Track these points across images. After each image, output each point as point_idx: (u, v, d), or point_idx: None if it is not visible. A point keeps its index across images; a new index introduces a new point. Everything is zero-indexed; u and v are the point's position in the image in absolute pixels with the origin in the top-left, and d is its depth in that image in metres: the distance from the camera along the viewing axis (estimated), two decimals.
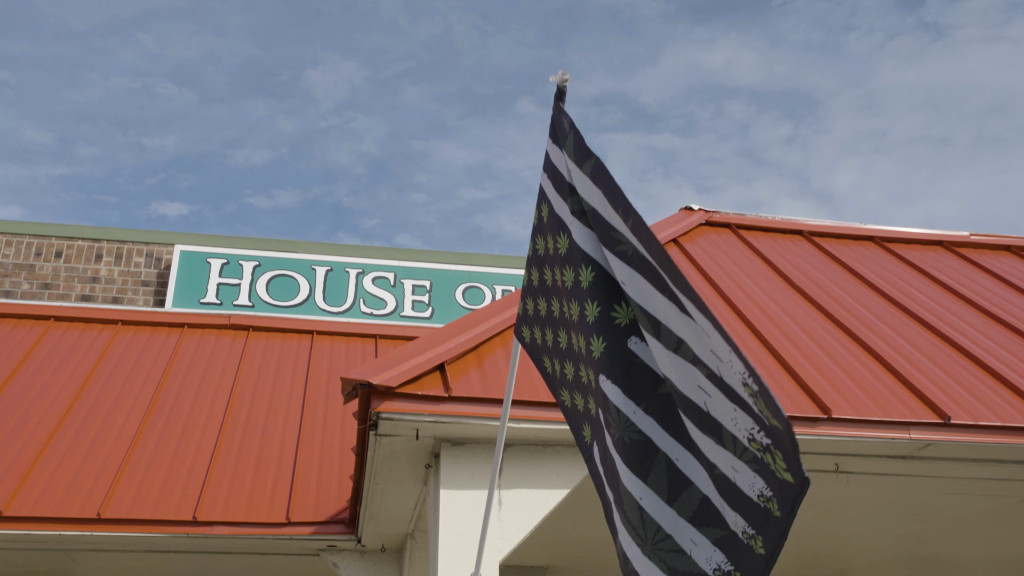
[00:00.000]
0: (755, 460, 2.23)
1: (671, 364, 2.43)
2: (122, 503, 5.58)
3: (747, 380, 2.10)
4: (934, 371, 4.48)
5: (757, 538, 2.27)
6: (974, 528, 6.20)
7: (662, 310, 2.40)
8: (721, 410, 2.30)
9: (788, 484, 2.16)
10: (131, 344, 7.72)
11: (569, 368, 2.71)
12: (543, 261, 2.82)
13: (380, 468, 4.30)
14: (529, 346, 2.93)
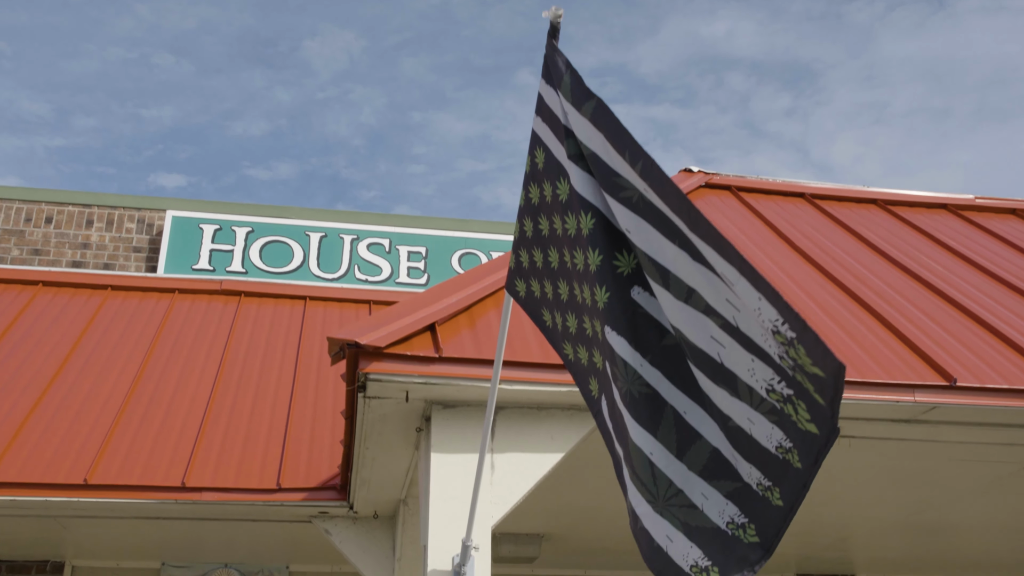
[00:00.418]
0: (774, 411, 2.16)
1: (681, 314, 2.32)
2: (109, 469, 5.48)
3: (780, 327, 2.00)
4: (939, 333, 4.36)
5: (774, 490, 2.19)
6: (975, 496, 6.11)
7: (671, 258, 2.29)
8: (736, 361, 2.22)
9: (812, 435, 2.09)
10: (120, 309, 7.60)
11: (572, 320, 2.58)
12: (538, 210, 2.68)
13: (370, 432, 4.19)
14: (524, 300, 2.80)
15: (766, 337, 2.10)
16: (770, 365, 2.12)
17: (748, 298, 2.07)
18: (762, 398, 2.17)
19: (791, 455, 2.14)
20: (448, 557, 3.59)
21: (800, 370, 2.03)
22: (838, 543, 7.79)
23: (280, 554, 7.88)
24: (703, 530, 2.24)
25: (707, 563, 2.23)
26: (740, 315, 2.17)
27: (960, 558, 8.43)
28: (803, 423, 2.09)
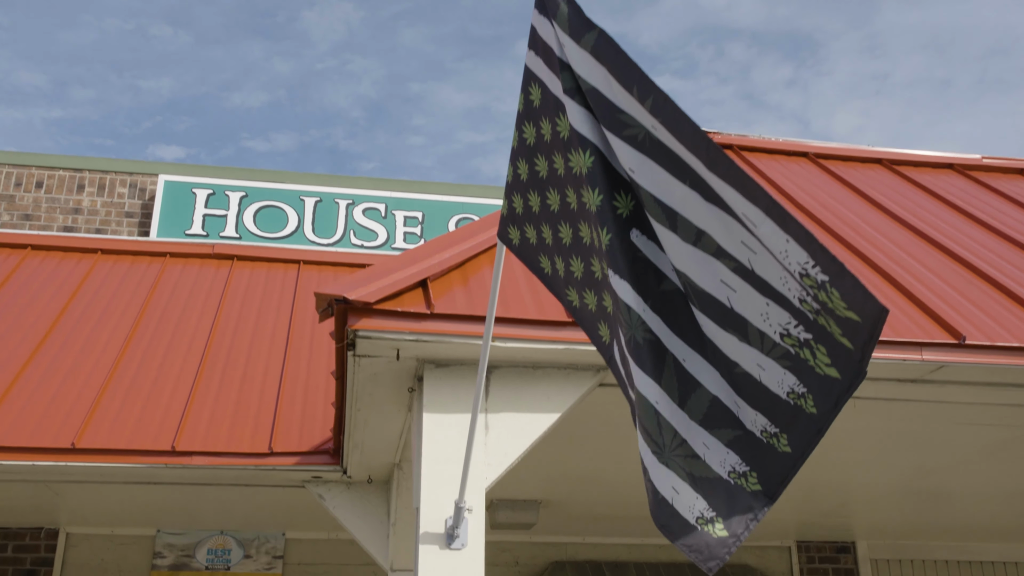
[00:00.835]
0: (787, 356, 2.11)
1: (688, 258, 2.22)
2: (98, 433, 5.37)
3: (810, 270, 1.93)
4: (948, 292, 4.24)
5: (781, 436, 2.15)
6: (978, 460, 6.02)
7: (680, 199, 2.18)
8: (747, 305, 2.15)
9: (832, 380, 2.04)
10: (111, 273, 7.46)
11: (577, 264, 2.44)
12: (534, 150, 2.53)
13: (361, 393, 4.07)
14: (519, 248, 2.67)
15: (786, 280, 2.04)
16: (787, 309, 2.07)
17: (773, 240, 2.01)
18: (774, 343, 2.12)
19: (804, 400, 2.10)
20: (441, 519, 3.49)
21: (827, 313, 1.96)
22: (838, 509, 7.72)
23: (276, 521, 7.82)
24: (707, 480, 2.16)
25: (712, 514, 2.15)
26: (757, 257, 2.10)
27: (960, 524, 8.38)
28: (821, 368, 2.04)
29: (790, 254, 1.97)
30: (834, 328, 1.99)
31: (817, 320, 2.01)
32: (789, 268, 1.99)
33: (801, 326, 2.05)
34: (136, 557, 7.85)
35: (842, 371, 2.02)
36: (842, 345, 1.98)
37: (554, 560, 8.38)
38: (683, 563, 8.55)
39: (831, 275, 1.90)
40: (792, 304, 2.05)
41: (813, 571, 8.80)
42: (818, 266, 1.92)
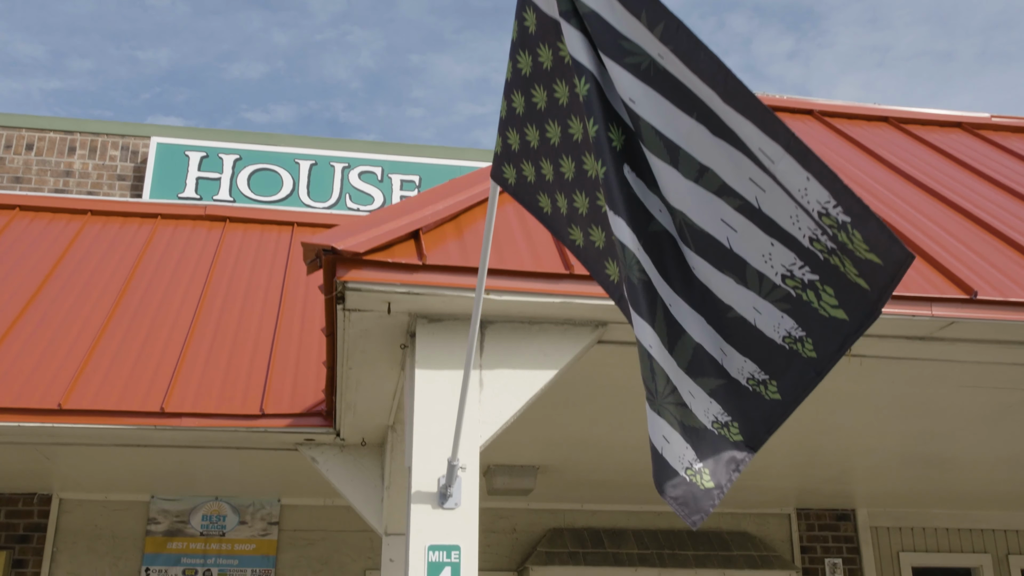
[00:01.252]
0: (787, 299, 2.08)
1: (688, 195, 2.12)
2: (85, 394, 5.26)
3: (830, 210, 1.91)
4: (958, 247, 4.10)
5: (769, 383, 2.12)
6: (983, 425, 5.92)
7: (684, 133, 2.09)
8: (749, 245, 2.10)
9: (838, 322, 2.02)
10: (101, 234, 7.32)
11: (581, 199, 2.30)
12: (531, 81, 2.38)
13: (353, 350, 3.95)
14: (515, 188, 2.52)
15: (797, 219, 2.01)
16: (793, 249, 2.04)
17: (791, 177, 1.96)
18: (774, 285, 2.09)
19: (801, 345, 2.08)
20: (434, 478, 3.38)
21: (843, 254, 1.94)
22: (839, 476, 7.64)
23: (271, 487, 7.74)
24: (695, 430, 2.09)
25: (700, 465, 2.06)
26: (765, 195, 2.06)
27: (962, 492, 8.31)
28: (826, 309, 2.02)
29: (810, 192, 1.93)
30: (849, 269, 1.96)
31: (829, 260, 1.98)
32: (807, 206, 1.95)
33: (807, 267, 2.03)
34: (130, 523, 7.79)
35: (851, 312, 2.00)
36: (856, 286, 1.96)
37: (552, 527, 8.32)
38: (682, 530, 8.49)
39: (853, 216, 1.87)
40: (800, 244, 2.02)
41: (813, 538, 8.74)
42: (840, 206, 1.89)
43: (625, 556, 8.18)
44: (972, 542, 9.10)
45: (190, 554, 7.91)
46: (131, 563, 7.67)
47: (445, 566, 3.28)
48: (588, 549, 8.18)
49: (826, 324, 2.03)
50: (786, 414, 2.15)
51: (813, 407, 5.54)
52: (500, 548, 8.17)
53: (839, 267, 1.98)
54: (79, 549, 7.66)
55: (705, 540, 8.48)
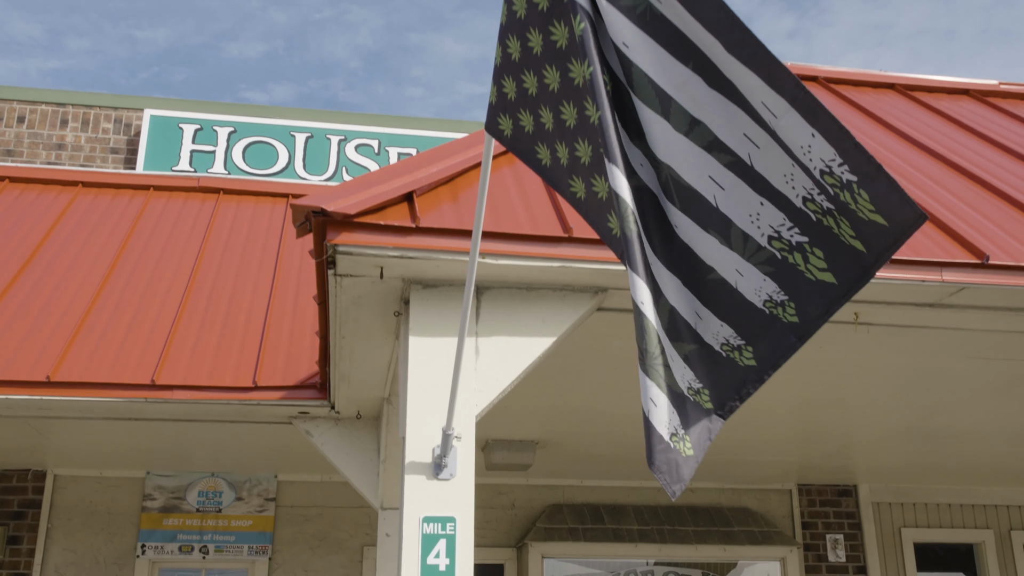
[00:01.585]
0: (771, 261, 2.04)
1: (677, 148, 2.03)
2: (74, 367, 5.15)
3: (835, 168, 1.87)
4: (968, 212, 3.99)
5: (745, 349, 2.10)
6: (988, 398, 5.83)
7: (678, 83, 2.01)
8: (736, 204, 2.04)
9: (826, 285, 2.00)
10: (92, 206, 7.19)
11: (583, 148, 2.19)
12: (525, 24, 2.25)
13: (345, 318, 3.84)
14: (511, 139, 2.40)
15: (792, 178, 1.97)
16: (783, 209, 2.00)
17: (794, 133, 1.92)
18: (759, 246, 2.06)
19: (782, 309, 2.07)
20: (428, 448, 3.27)
21: (841, 215, 1.90)
22: (841, 451, 7.56)
23: (268, 462, 7.67)
24: (677, 395, 2.03)
25: (683, 431, 1.99)
26: (759, 152, 2.01)
27: (964, 467, 8.23)
28: (814, 272, 2.01)
29: (813, 149, 1.89)
30: (844, 230, 1.93)
31: (822, 221, 1.95)
32: (807, 164, 1.91)
33: (796, 228, 2.00)
34: (125, 499, 7.72)
35: (840, 275, 1.98)
36: (850, 248, 1.93)
37: (551, 503, 8.25)
38: (682, 506, 8.42)
39: (861, 175, 1.84)
40: (792, 204, 1.99)
41: (814, 514, 8.67)
42: (846, 164, 1.85)
43: (625, 532, 8.11)
44: (975, 518, 9.04)
45: (186, 530, 7.85)
46: (127, 539, 7.61)
47: (440, 538, 3.18)
48: (588, 525, 8.11)
49: (812, 287, 2.01)
50: (760, 381, 2.12)
51: (816, 380, 5.44)
52: (499, 524, 8.11)
53: (832, 228, 1.94)
54: (74, 525, 7.59)
55: (706, 516, 8.41)
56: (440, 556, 3.15)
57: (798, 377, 5.38)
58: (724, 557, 8.23)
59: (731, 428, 6.68)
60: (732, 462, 7.80)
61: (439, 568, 3.13)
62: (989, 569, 8.84)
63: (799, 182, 1.95)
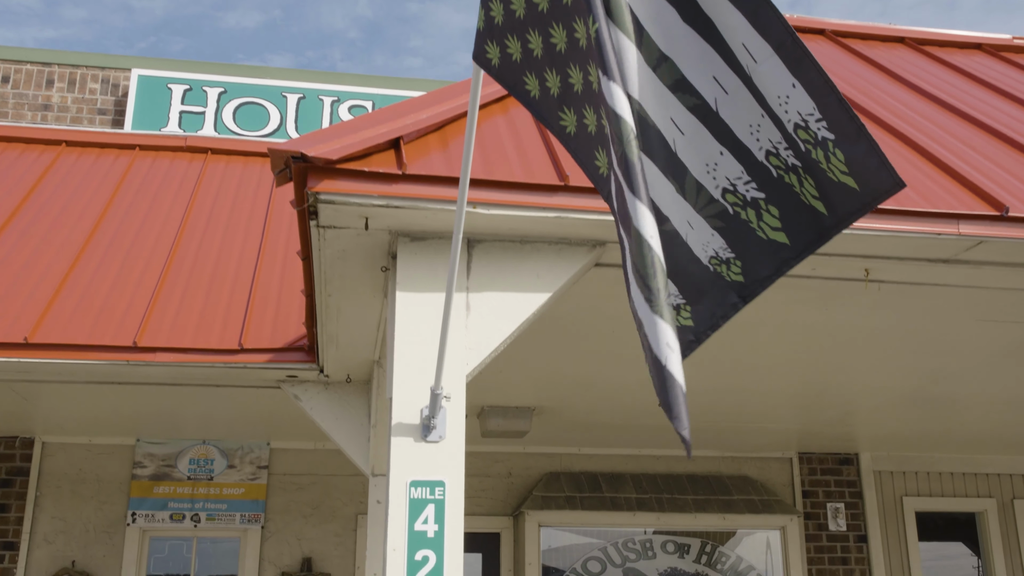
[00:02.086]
0: (722, 216, 1.95)
1: (646, 83, 1.95)
2: (53, 328, 4.97)
3: (811, 123, 1.78)
4: (986, 164, 3.80)
5: (684, 308, 2.01)
6: (996, 363, 5.67)
7: (651, 13, 1.88)
8: (694, 152, 1.94)
9: (778, 245, 1.92)
10: (76, 165, 6.98)
11: (576, 74, 2.01)
12: None
13: (331, 274, 3.66)
14: (499, 69, 2.21)
15: (757, 130, 1.87)
16: (743, 161, 1.90)
17: (772, 81, 1.81)
18: (711, 199, 1.96)
19: (726, 267, 2.00)
20: (416, 409, 3.10)
21: (807, 173, 1.81)
22: (843, 418, 7.42)
23: (260, 430, 7.53)
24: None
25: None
26: (727, 98, 1.90)
27: (967, 435, 8.11)
28: (766, 231, 1.93)
29: (791, 101, 1.79)
30: (807, 190, 1.84)
31: (783, 178, 1.87)
32: (780, 116, 1.81)
33: (753, 183, 1.91)
34: (115, 467, 7.59)
35: (794, 236, 1.90)
36: (810, 209, 1.85)
37: (548, 471, 8.12)
38: (681, 474, 8.29)
39: (839, 135, 1.75)
40: (753, 157, 1.89)
41: (815, 483, 8.55)
42: (824, 121, 1.76)
43: (623, 500, 7.99)
44: (977, 486, 8.93)
45: (177, 498, 7.73)
46: (117, 507, 7.49)
47: (428, 503, 3.02)
48: (585, 493, 7.99)
49: (762, 246, 1.94)
50: (697, 342, 2.01)
51: (819, 344, 5.28)
52: (495, 492, 7.99)
53: (793, 187, 1.85)
54: (63, 493, 7.47)
55: (705, 484, 8.29)
56: (428, 522, 2.99)
57: (801, 341, 5.22)
58: (723, 526, 8.11)
59: (731, 394, 6.54)
60: (732, 430, 7.67)
61: (427, 535, 2.97)
62: (991, 538, 8.74)
63: (765, 134, 1.86)
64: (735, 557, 8.26)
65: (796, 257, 1.93)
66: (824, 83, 1.75)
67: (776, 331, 4.99)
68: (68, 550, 7.31)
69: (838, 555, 8.38)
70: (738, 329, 4.85)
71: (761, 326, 4.85)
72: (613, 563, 8.07)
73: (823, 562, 8.32)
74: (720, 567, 8.21)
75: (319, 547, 7.61)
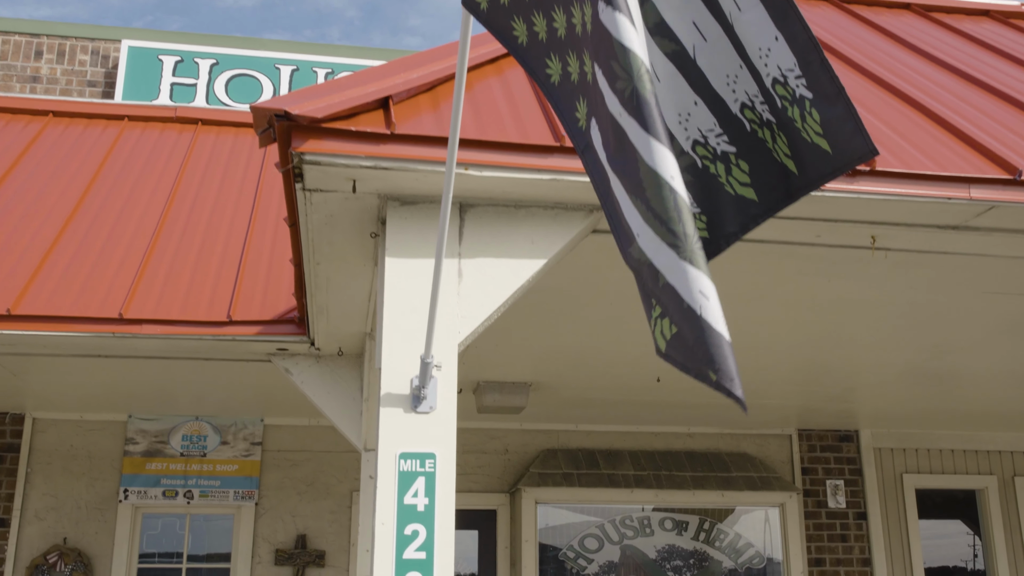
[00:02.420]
0: (690, 169, 1.90)
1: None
2: (37, 300, 4.85)
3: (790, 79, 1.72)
4: (997, 128, 3.67)
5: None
6: (1001, 337, 5.57)
7: None
8: (667, 100, 1.88)
9: (745, 201, 1.87)
10: (63, 136, 6.84)
11: (560, 17, 1.89)
12: None
13: (319, 241, 3.54)
14: (488, 13, 2.08)
15: (734, 81, 1.81)
16: (716, 113, 1.84)
17: (755, 32, 1.75)
18: (681, 151, 1.89)
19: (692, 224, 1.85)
20: (406, 379, 2.99)
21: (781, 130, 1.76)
22: (844, 394, 7.33)
23: (253, 406, 7.44)
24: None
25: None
26: (706, 46, 1.83)
27: (968, 411, 8.02)
28: (734, 186, 1.88)
29: (772, 54, 1.74)
30: (779, 147, 1.78)
31: (756, 133, 1.81)
32: (760, 69, 1.75)
33: (725, 136, 1.84)
34: (107, 443, 7.50)
35: (763, 194, 1.84)
36: (781, 167, 1.80)
37: (545, 448, 8.04)
38: (679, 451, 8.21)
39: (817, 94, 1.69)
40: (727, 109, 1.83)
41: (814, 460, 8.48)
42: (804, 78, 1.70)
43: (621, 477, 7.91)
44: (978, 463, 8.85)
45: (170, 475, 7.64)
46: (109, 484, 7.41)
47: (419, 476, 2.91)
48: (582, 470, 7.90)
49: (729, 202, 1.88)
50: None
51: (821, 317, 5.17)
52: (492, 469, 7.91)
53: (766, 142, 1.80)
54: (54, 470, 7.38)
55: (703, 461, 8.21)
56: (418, 495, 2.89)
57: (802, 315, 5.11)
58: (722, 503, 8.04)
59: None
60: (731, 406, 7.57)
61: (417, 508, 2.87)
62: (991, 515, 8.67)
63: (742, 86, 1.80)
64: (733, 534, 8.19)
65: (764, 214, 1.87)
66: (808, 39, 1.69)
67: (777, 305, 4.88)
68: (60, 527, 7.23)
69: (837, 532, 8.31)
70: (738, 302, 4.75)
71: (762, 299, 4.73)
72: (611, 540, 8.00)
73: (822, 539, 8.26)
74: (718, 544, 8.14)
75: (314, 524, 7.54)
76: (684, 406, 7.57)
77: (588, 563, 7.90)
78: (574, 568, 7.86)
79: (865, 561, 8.28)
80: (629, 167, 1.59)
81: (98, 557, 7.18)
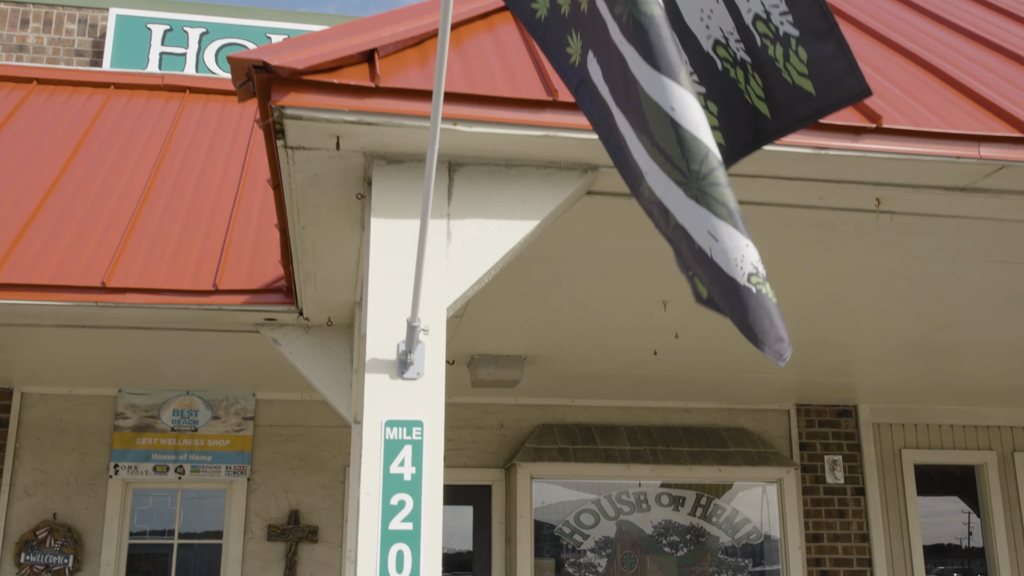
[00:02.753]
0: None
1: None
2: (17, 268, 4.73)
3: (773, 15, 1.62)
4: (1007, 87, 3.54)
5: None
6: (1003, 309, 5.47)
7: None
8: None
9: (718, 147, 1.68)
10: (47, 104, 6.69)
11: None
12: None
13: (304, 203, 3.41)
14: None
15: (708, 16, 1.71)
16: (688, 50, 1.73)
17: None
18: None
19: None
20: (392, 344, 2.88)
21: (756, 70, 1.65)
22: (843, 367, 7.23)
23: (245, 380, 7.34)
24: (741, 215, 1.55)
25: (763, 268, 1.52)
26: None
27: (968, 386, 7.94)
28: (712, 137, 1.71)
29: None
30: (752, 88, 1.69)
31: (728, 72, 1.71)
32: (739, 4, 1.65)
33: (695, 75, 1.74)
34: (97, 418, 7.40)
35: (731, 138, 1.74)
36: (752, 109, 1.70)
37: (541, 423, 7.95)
38: (675, 426, 8.12)
39: (805, 31, 1.59)
40: (699, 46, 1.73)
41: (812, 435, 8.39)
42: (790, 15, 1.60)
43: (617, 452, 7.82)
44: (977, 439, 8.78)
45: (161, 450, 7.55)
46: (99, 459, 7.31)
47: (405, 444, 2.80)
48: (578, 445, 7.81)
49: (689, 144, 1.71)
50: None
51: (821, 288, 5.06)
52: (487, 444, 7.82)
53: (738, 83, 1.70)
54: (43, 445, 7.28)
55: (700, 436, 8.12)
56: (405, 464, 2.78)
57: (802, 286, 4.99)
58: (719, 478, 7.96)
59: (728, 344, 6.33)
60: (729, 380, 7.48)
61: (403, 477, 2.76)
62: (991, 491, 8.61)
63: (717, 22, 1.70)
64: (731, 510, 8.11)
65: (729, 160, 1.76)
66: None
67: (777, 275, 4.76)
68: (49, 502, 7.14)
69: (835, 508, 8.24)
70: None
71: None
72: (607, 516, 7.93)
73: (820, 515, 8.19)
74: (715, 520, 8.07)
75: (306, 499, 7.45)
76: (681, 381, 7.48)
77: (584, 539, 7.83)
78: (570, 544, 7.79)
79: (863, 537, 8.21)
80: (632, 100, 1.48)
81: (88, 533, 7.09)
